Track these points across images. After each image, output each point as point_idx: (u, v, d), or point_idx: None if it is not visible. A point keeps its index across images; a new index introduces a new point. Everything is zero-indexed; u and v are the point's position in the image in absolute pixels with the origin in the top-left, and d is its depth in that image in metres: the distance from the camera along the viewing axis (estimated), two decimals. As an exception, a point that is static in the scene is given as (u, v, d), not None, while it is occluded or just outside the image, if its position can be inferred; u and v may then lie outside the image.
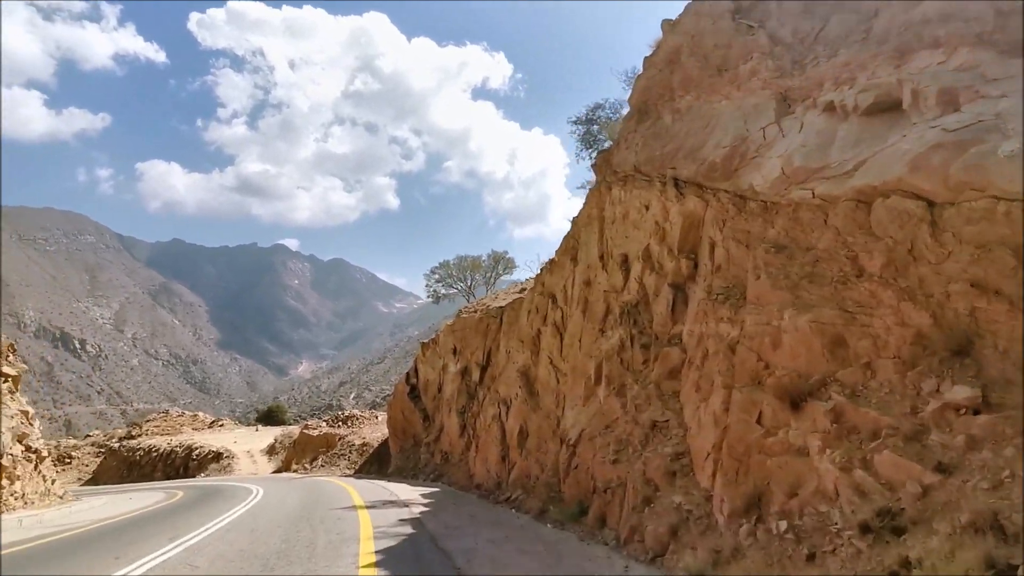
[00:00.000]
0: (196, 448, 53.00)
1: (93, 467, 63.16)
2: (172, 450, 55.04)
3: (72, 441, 73.27)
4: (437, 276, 35.60)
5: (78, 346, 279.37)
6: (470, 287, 35.46)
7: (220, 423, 74.58)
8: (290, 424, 74.52)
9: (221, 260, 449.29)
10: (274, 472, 42.53)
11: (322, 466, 35.23)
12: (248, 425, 77.22)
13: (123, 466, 58.53)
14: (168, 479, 52.33)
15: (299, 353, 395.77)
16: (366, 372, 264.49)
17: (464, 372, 24.02)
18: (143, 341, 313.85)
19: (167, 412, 79.15)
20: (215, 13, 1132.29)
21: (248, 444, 54.93)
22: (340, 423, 45.12)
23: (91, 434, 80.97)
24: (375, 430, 39.47)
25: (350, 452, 35.61)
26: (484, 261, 35.23)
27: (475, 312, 25.42)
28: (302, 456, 41.48)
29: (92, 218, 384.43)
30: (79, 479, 62.44)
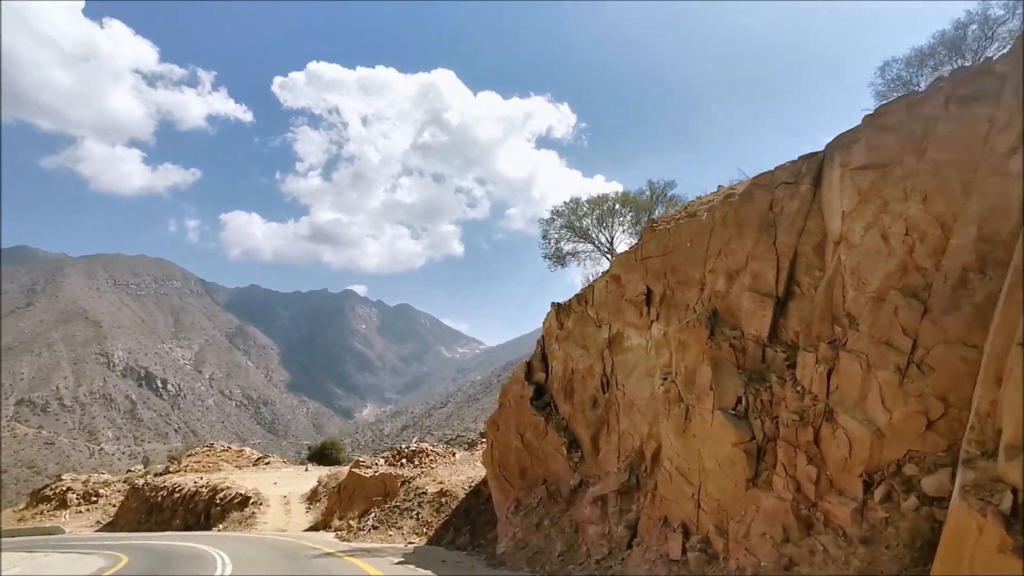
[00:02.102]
0: (222, 490, 39.87)
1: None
2: (196, 491, 42.14)
3: (104, 477, 61.98)
4: (562, 221, 21.48)
5: (160, 385, 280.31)
6: (611, 240, 21.18)
7: (267, 460, 61.82)
8: (346, 464, 61.11)
9: (294, 305, 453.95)
10: (308, 530, 28.45)
11: (374, 527, 20.92)
12: (300, 464, 64.01)
13: (143, 508, 46.06)
14: (187, 528, 39.26)
15: (364, 396, 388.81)
16: (428, 416, 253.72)
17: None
18: (219, 382, 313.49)
19: (211, 446, 67.31)
20: (296, 76, 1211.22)
21: (289, 487, 41.45)
22: (403, 461, 30.87)
23: (132, 470, 70.26)
24: (455, 472, 24.98)
25: (419, 505, 21.18)
26: (642, 195, 20.95)
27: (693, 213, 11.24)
28: (349, 507, 27.28)
29: (179, 265, 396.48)
30: (98, 522, 50.45)
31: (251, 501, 35.30)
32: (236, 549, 19.93)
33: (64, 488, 57.31)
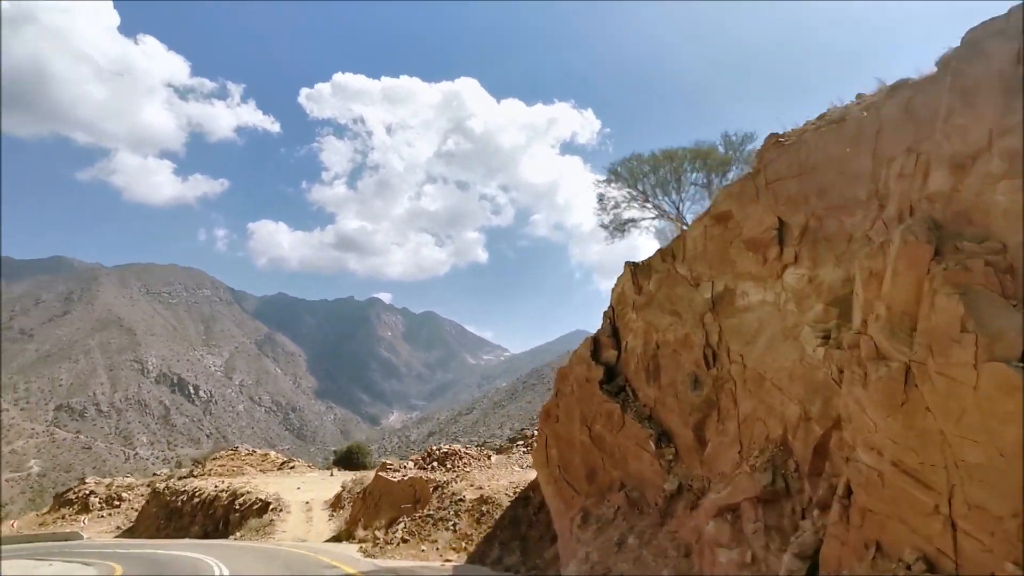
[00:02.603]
0: (242, 495, 37.28)
1: (144, 513, 49.24)
2: (216, 496, 39.67)
3: (127, 480, 60.20)
4: (622, 183, 18.20)
5: (192, 391, 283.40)
6: (679, 201, 17.84)
7: (291, 465, 59.37)
8: (372, 469, 58.29)
9: (320, 312, 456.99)
10: (330, 540, 25.49)
11: (404, 540, 17.77)
12: (325, 469, 61.43)
13: (162, 513, 43.80)
14: (205, 535, 36.79)
15: (390, 403, 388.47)
16: (455, 423, 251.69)
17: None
18: (248, 388, 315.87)
19: (236, 449, 65.20)
20: (322, 87, 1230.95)
21: (312, 492, 38.71)
22: (434, 464, 27.78)
23: (157, 473, 68.67)
24: (493, 476, 21.80)
25: (456, 514, 18.00)
26: (718, 148, 17.56)
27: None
28: (375, 515, 24.26)
29: (209, 273, 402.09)
30: (118, 527, 48.41)
31: (270, 507, 32.54)
32: (241, 564, 17.09)
33: (87, 492, 55.62)
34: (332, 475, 52.63)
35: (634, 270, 12.35)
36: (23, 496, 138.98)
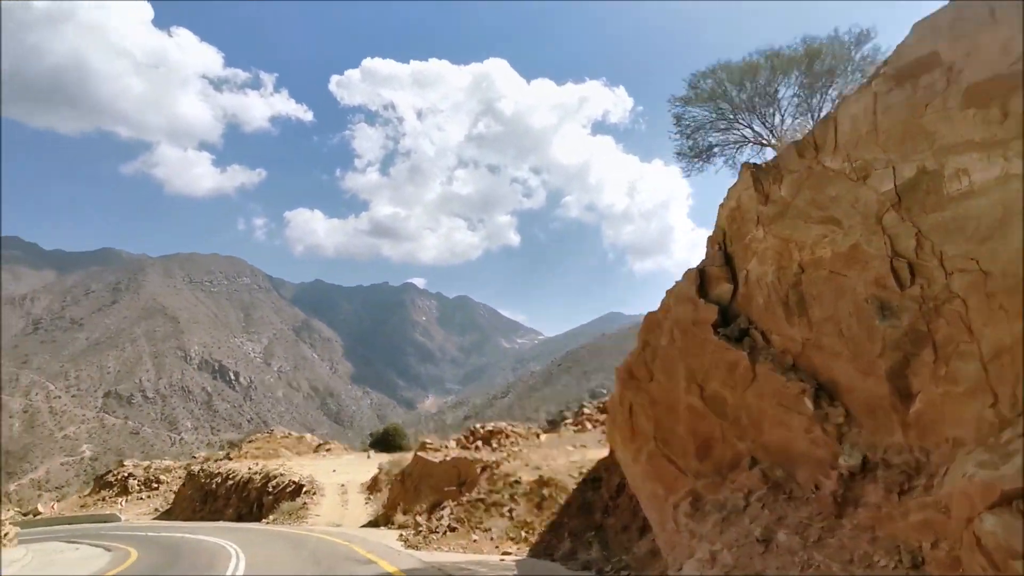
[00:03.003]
0: (275, 478, 35.44)
1: (182, 495, 48.32)
2: (250, 478, 38.01)
3: (165, 463, 59.77)
4: (704, 100, 14.70)
5: (233, 377, 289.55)
6: (773, 127, 14.27)
7: (327, 447, 57.94)
8: (411, 451, 56.46)
9: (356, 298, 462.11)
10: (367, 525, 23.12)
11: (451, 528, 14.94)
12: (362, 451, 59.80)
13: (197, 496, 42.58)
14: (239, 518, 35.17)
15: (426, 387, 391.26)
16: (490, 406, 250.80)
17: None
18: (287, 374, 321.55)
19: (271, 432, 64.28)
20: (351, 73, 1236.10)
21: (348, 475, 36.67)
22: (478, 443, 25.11)
23: (195, 456, 68.33)
24: (548, 456, 18.81)
25: (512, 498, 15.11)
26: (825, 46, 13.90)
27: None
28: (415, 498, 21.73)
29: (248, 262, 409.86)
30: (156, 509, 47.63)
31: (304, 490, 30.46)
32: (265, 553, 14.68)
33: (126, 474, 55.25)
34: (368, 457, 50.83)
35: (755, 173, 9.08)
36: (77, 479, 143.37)
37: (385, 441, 60.66)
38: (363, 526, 23.37)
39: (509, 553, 12.70)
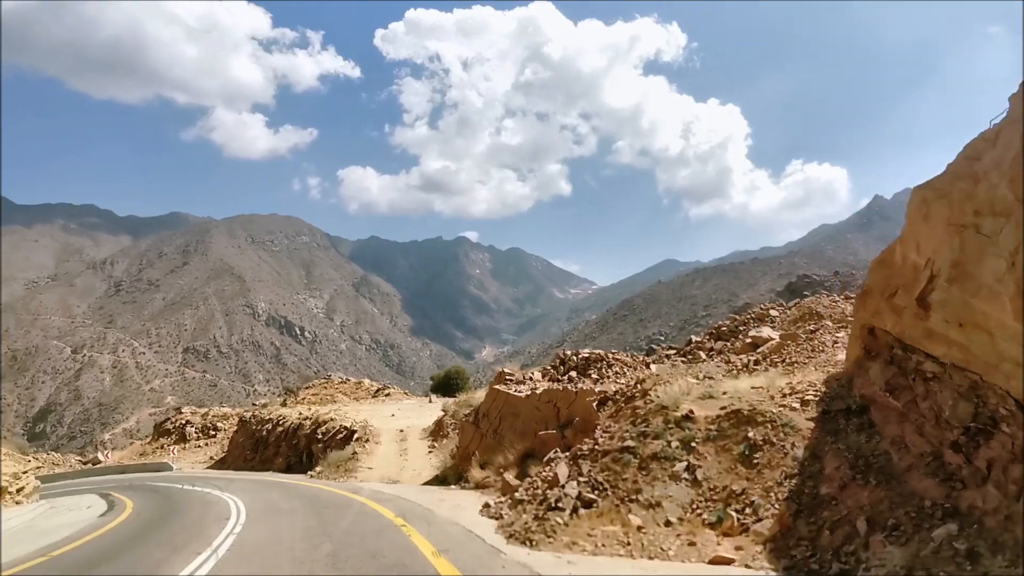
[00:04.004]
0: (324, 423, 30.23)
1: (239, 442, 44.89)
2: (299, 425, 33.12)
3: (223, 410, 56.93)
4: None
5: (298, 332, 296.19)
6: None
7: (386, 391, 53.43)
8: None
9: (411, 253, 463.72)
10: (431, 482, 17.05)
11: (588, 502, 8.29)
12: (423, 396, 54.97)
13: (248, 443, 38.45)
14: (288, 468, 30.52)
15: (482, 338, 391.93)
16: (546, 355, 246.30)
17: None
18: (349, 328, 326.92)
19: (328, 378, 60.49)
20: (395, 26, 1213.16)
21: (408, 420, 31.23)
22: (571, 373, 18.44)
23: (255, 403, 65.78)
24: (691, 385, 11.64)
25: (684, 446, 8.21)
26: None
27: None
28: (495, 447, 15.41)
29: (306, 220, 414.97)
30: (211, 457, 44.25)
31: (356, 437, 24.89)
32: (265, 530, 8.61)
33: (183, 421, 52.54)
34: (430, 402, 45.81)
35: None
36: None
37: (447, 385, 55.57)
38: (426, 483, 17.31)
39: (729, 560, 5.88)
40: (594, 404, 12.73)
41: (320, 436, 28.56)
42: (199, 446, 48.51)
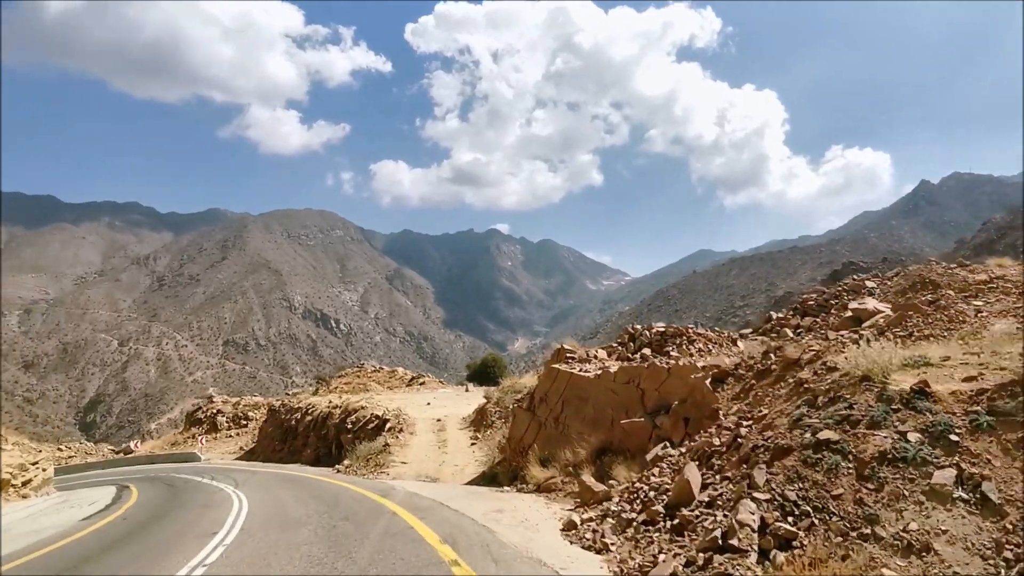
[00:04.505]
0: (355, 411, 27.37)
1: (269, 432, 42.76)
2: (329, 413, 30.42)
3: (255, 399, 55.12)
4: None
5: (334, 325, 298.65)
6: None
7: (420, 380, 50.63)
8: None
9: (443, 246, 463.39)
10: (476, 481, 13.85)
11: (786, 537, 5.03)
12: (459, 385, 52.05)
13: (277, 433, 36.10)
14: (316, 460, 27.82)
15: (515, 330, 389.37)
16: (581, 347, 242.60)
17: None
18: (383, 320, 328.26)
19: (362, 366, 58.09)
20: (425, 20, 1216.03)
21: (444, 409, 28.22)
22: (645, 350, 14.95)
23: (288, 392, 64.11)
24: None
25: (938, 440, 4.66)
26: None
27: None
28: (561, 439, 12.03)
29: (340, 215, 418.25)
30: (241, 448, 42.23)
31: (388, 426, 21.90)
32: (250, 559, 5.51)
33: (215, 411, 50.82)
34: (467, 391, 42.84)
35: None
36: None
37: (483, 374, 52.46)
38: (471, 481, 14.09)
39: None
40: (706, 382, 9.24)
41: (349, 426, 25.71)
42: (230, 436, 46.62)
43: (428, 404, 32.82)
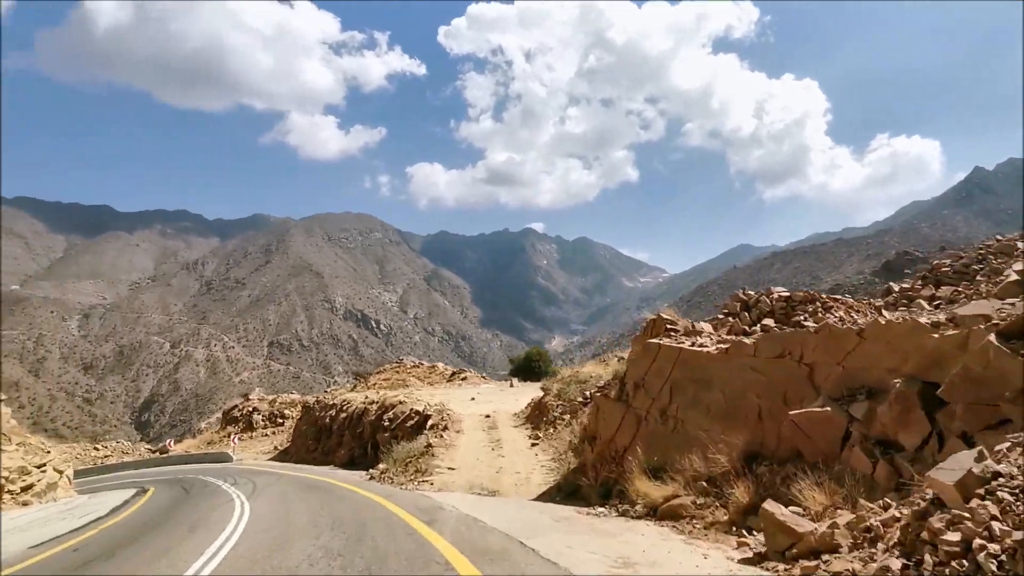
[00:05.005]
0: (392, 407, 24.05)
1: (305, 431, 40.05)
2: (365, 410, 27.20)
3: (291, 397, 52.78)
4: None
5: (374, 325, 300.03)
6: None
7: (462, 376, 47.32)
8: (553, 381, 44.35)
9: (480, 246, 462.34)
10: (547, 496, 10.12)
11: None
12: (503, 380, 48.46)
13: (311, 432, 33.21)
14: (351, 461, 24.67)
15: (551, 329, 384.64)
16: (618, 344, 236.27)
17: None
18: (422, 320, 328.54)
19: (400, 361, 55.23)
20: (458, 22, 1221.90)
21: (491, 404, 24.71)
22: (765, 321, 11.01)
23: (328, 389, 61.89)
24: None
25: None
26: None
27: None
28: (672, 440, 8.10)
29: (378, 217, 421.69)
30: (275, 447, 39.72)
31: (429, 424, 18.46)
32: None
33: (250, 409, 48.67)
34: (511, 386, 39.26)
35: None
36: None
37: (527, 368, 48.72)
38: (542, 496, 10.36)
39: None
40: (989, 340, 5.28)
41: (386, 423, 22.37)
42: (265, 435, 44.27)
43: (472, 399, 29.36)
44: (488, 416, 20.82)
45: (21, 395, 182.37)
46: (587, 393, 15.11)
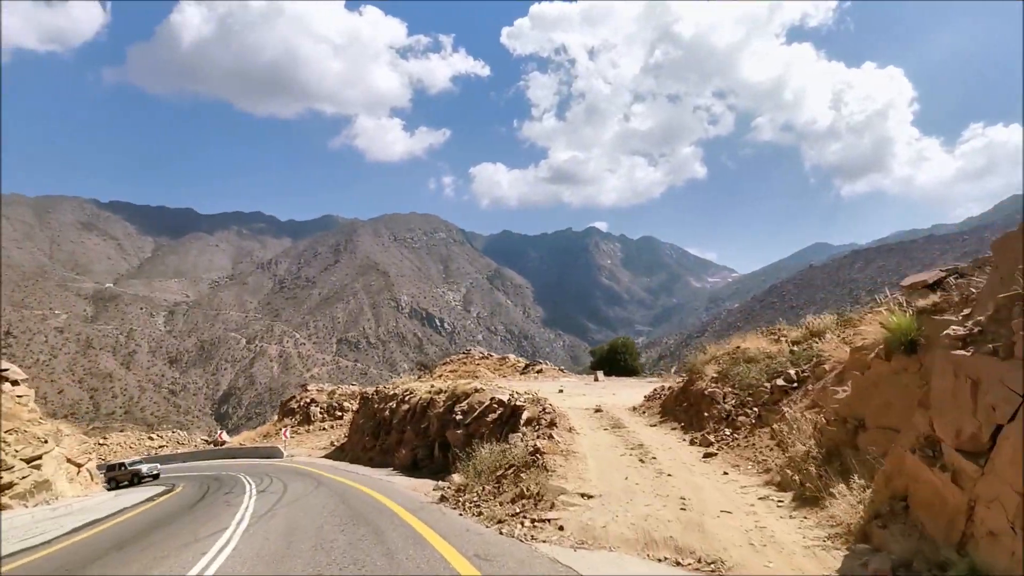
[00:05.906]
0: (466, 396, 18.50)
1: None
2: (431, 400, 21.82)
3: (351, 388, 48.71)
4: None
5: (438, 324, 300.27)
6: None
7: (537, 368, 41.58)
8: (645, 376, 37.79)
9: (542, 246, 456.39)
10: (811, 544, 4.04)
11: None
12: (586, 373, 42.28)
13: (368, 426, 28.37)
14: (414, 463, 19.19)
15: (615, 329, 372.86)
16: (685, 346, 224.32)
17: None
18: (485, 319, 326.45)
19: (468, 352, 50.19)
20: (521, 22, 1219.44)
21: (586, 398, 18.69)
22: None
23: (394, 381, 57.65)
24: None
25: None
26: None
27: None
28: None
29: (442, 217, 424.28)
30: (332, 443, 35.38)
31: (524, 417, 12.76)
32: None
33: (308, 400, 44.93)
34: (596, 380, 33.19)
35: None
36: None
37: (611, 360, 42.51)
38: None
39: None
40: None
41: (459, 416, 16.81)
42: (323, 429, 40.24)
43: (560, 391, 23.50)
44: (598, 410, 14.85)
45: (114, 385, 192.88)
46: (796, 372, 8.89)
